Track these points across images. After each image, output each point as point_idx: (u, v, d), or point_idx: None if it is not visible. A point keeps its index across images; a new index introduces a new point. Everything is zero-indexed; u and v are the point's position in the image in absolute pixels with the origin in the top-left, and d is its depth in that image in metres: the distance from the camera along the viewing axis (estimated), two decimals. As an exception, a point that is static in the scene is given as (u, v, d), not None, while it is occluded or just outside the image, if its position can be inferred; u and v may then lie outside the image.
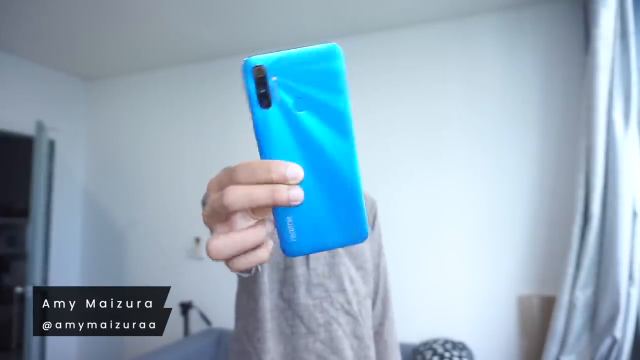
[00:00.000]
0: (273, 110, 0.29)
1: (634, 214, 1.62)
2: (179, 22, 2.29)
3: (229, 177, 0.30)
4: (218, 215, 0.31)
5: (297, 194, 0.29)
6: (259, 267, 0.48)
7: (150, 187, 2.89)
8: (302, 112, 0.29)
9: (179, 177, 2.81)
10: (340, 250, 0.91)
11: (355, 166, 0.30)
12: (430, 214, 2.20)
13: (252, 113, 0.29)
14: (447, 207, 2.17)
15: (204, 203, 0.61)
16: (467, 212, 2.14)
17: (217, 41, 2.53)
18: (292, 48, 0.29)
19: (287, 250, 0.31)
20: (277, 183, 0.29)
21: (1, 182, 4.06)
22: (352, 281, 0.91)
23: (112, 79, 3.09)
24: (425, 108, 2.26)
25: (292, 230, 0.31)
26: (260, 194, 0.29)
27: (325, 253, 0.90)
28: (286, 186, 0.29)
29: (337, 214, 0.31)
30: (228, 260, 0.32)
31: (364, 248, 0.96)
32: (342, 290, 0.89)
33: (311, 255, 0.88)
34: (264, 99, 0.28)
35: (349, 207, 0.30)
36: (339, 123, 0.29)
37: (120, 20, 2.25)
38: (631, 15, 1.68)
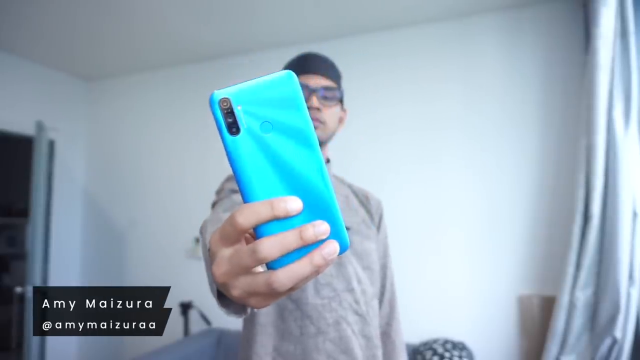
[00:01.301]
0: (242, 136, 0.31)
1: (634, 214, 1.62)
2: (179, 22, 2.29)
3: (232, 226, 0.31)
4: (245, 269, 0.31)
5: (323, 228, 0.30)
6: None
7: (150, 187, 2.89)
8: (269, 134, 0.31)
9: (179, 177, 2.80)
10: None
11: (326, 177, 0.32)
12: (430, 214, 2.20)
13: (223, 141, 0.31)
14: (447, 207, 2.17)
15: (201, 233, 0.60)
16: (467, 212, 2.14)
17: (217, 41, 2.53)
18: (256, 77, 0.32)
19: (271, 268, 0.31)
20: (281, 218, 0.30)
21: (1, 182, 4.06)
22: (359, 281, 0.91)
23: (112, 79, 3.09)
24: (426, 108, 2.26)
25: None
26: (289, 240, 0.30)
27: None
28: (310, 225, 0.30)
29: None
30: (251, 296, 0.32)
31: (371, 249, 0.96)
32: (350, 289, 0.89)
33: None
34: (232, 127, 0.31)
35: (329, 218, 0.32)
36: (303, 138, 0.32)
37: (120, 20, 2.24)
38: (631, 15, 1.68)
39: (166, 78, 2.92)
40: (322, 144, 0.94)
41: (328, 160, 1.00)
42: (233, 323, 2.31)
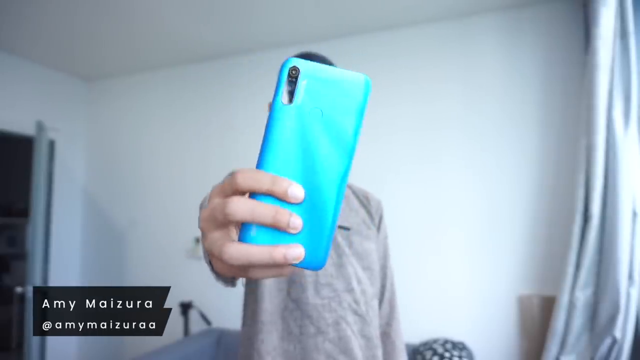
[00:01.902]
0: (291, 108, 0.31)
1: (634, 214, 1.62)
2: (179, 22, 2.29)
3: (230, 183, 0.31)
4: (216, 221, 0.31)
5: (297, 222, 0.29)
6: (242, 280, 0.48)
7: (150, 187, 2.89)
8: (315, 122, 0.31)
9: (179, 177, 2.81)
10: (347, 250, 0.92)
11: (341, 188, 0.31)
12: (430, 213, 2.20)
13: (273, 102, 0.31)
14: (447, 207, 2.17)
15: (201, 208, 0.61)
16: (467, 212, 2.14)
17: (217, 41, 2.53)
18: (333, 65, 0.31)
19: (241, 240, 0.31)
20: (277, 196, 0.30)
21: (1, 182, 4.07)
22: (359, 281, 0.92)
23: (112, 79, 3.09)
24: (426, 108, 2.26)
25: (254, 233, 0.30)
26: (262, 211, 0.29)
27: (332, 253, 0.91)
28: (288, 211, 0.29)
29: (306, 233, 0.31)
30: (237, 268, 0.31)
31: (371, 249, 0.97)
32: (350, 290, 0.90)
33: None
34: (288, 95, 0.31)
35: (319, 230, 0.31)
36: (343, 143, 0.31)
37: (120, 20, 2.25)
38: (631, 15, 1.68)
39: (166, 78, 2.92)
40: None
41: None
42: (233, 323, 2.31)
